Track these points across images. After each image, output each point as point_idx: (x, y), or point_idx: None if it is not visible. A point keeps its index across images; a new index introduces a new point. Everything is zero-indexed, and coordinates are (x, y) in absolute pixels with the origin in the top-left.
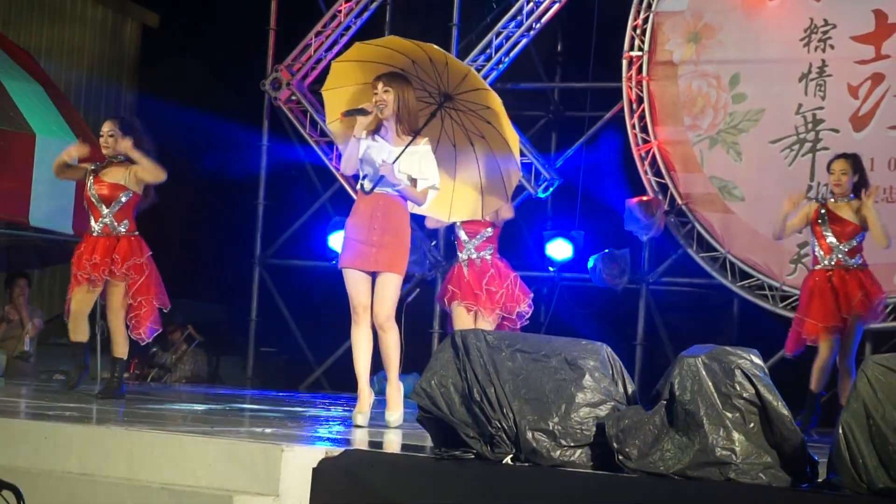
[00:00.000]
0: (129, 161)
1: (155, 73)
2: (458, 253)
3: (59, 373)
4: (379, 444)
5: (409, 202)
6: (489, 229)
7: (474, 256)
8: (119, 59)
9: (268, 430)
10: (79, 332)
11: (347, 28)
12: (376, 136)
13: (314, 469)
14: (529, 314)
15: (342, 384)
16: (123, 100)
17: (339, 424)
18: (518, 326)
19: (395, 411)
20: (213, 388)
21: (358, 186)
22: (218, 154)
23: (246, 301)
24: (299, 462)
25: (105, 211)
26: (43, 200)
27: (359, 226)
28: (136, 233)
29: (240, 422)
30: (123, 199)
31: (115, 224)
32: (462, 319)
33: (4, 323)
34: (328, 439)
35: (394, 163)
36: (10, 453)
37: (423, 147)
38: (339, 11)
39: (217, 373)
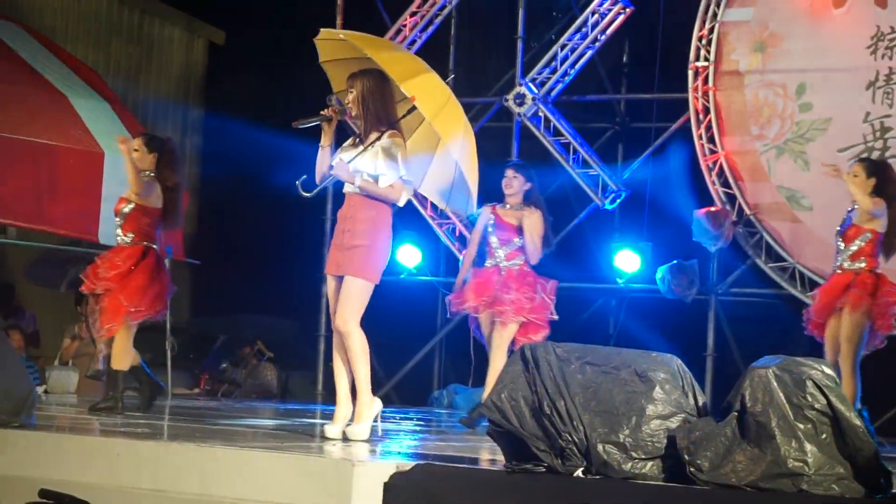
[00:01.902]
0: (155, 176)
1: (221, 89)
2: (487, 259)
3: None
4: (450, 458)
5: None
6: (521, 238)
7: (502, 265)
8: (186, 76)
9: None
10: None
11: (413, 42)
12: (358, 140)
13: (385, 483)
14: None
15: (412, 398)
16: (190, 117)
17: (409, 438)
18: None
19: (358, 424)
20: (284, 402)
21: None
22: (285, 170)
23: (315, 316)
24: (370, 477)
25: (118, 224)
26: (112, 218)
27: (336, 229)
28: (143, 243)
29: (311, 437)
30: (126, 211)
31: (122, 236)
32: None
33: (78, 341)
34: (399, 453)
35: (349, 161)
36: (83, 470)
37: (386, 141)
38: (405, 26)
39: (287, 388)
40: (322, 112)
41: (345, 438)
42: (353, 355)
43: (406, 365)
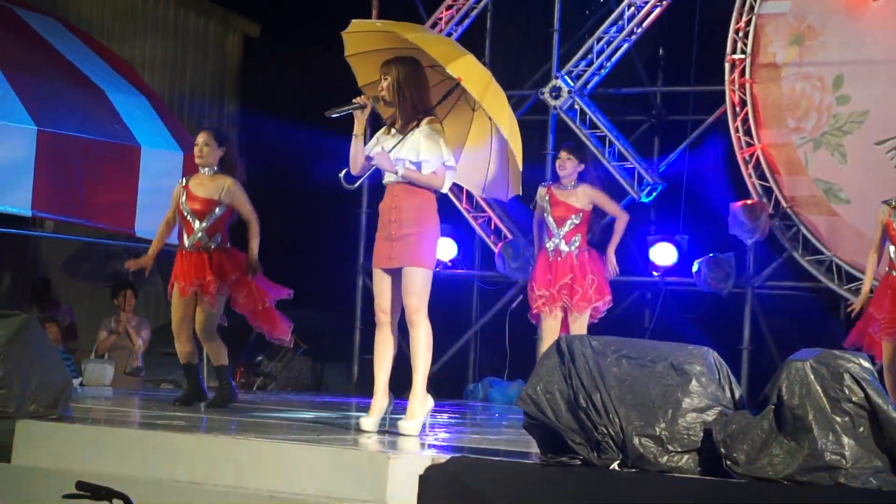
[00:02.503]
0: (222, 172)
1: (256, 83)
2: (546, 241)
3: (167, 382)
4: (485, 451)
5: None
6: (578, 216)
7: (562, 248)
8: (221, 70)
9: (374, 438)
10: (182, 353)
11: (448, 35)
12: (393, 129)
13: (420, 476)
14: (601, 314)
15: (445, 391)
16: (226, 111)
17: (444, 431)
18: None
19: (411, 420)
20: (319, 395)
21: (384, 181)
22: (320, 163)
23: (350, 309)
24: (406, 469)
25: (198, 225)
26: (148, 211)
27: (381, 222)
28: (228, 245)
29: (346, 430)
30: (218, 213)
31: (207, 239)
32: (547, 323)
33: (114, 335)
34: (434, 446)
35: (391, 150)
36: (119, 462)
37: (425, 128)
38: (440, 19)
39: (322, 380)
40: (355, 100)
41: (383, 431)
42: (420, 347)
43: (441, 358)
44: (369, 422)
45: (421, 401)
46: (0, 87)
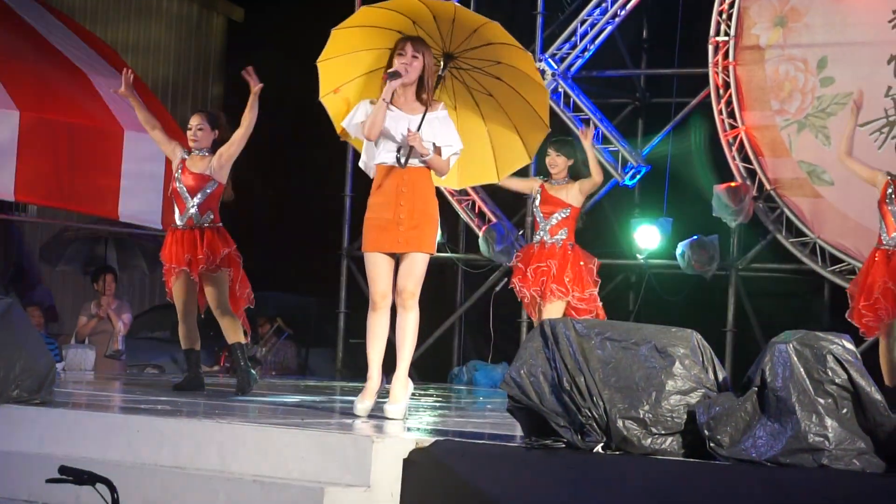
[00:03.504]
0: (212, 153)
1: (240, 67)
2: (534, 233)
3: (151, 367)
4: (469, 434)
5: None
6: (565, 210)
7: (546, 239)
8: (205, 53)
9: (358, 422)
10: (186, 337)
11: None
12: (391, 106)
13: (405, 459)
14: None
15: (430, 374)
16: (209, 94)
17: (428, 414)
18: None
19: (395, 404)
20: (303, 379)
21: (382, 160)
22: (304, 147)
23: (334, 293)
24: (390, 453)
25: (191, 202)
26: (132, 195)
27: (385, 204)
28: (220, 224)
29: (330, 413)
30: (209, 190)
31: (199, 216)
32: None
33: (95, 319)
34: (418, 429)
35: (417, 131)
36: (103, 447)
37: (441, 112)
38: None
39: (306, 364)
40: (396, 69)
41: (374, 416)
42: (411, 332)
43: (426, 341)
44: (363, 406)
45: (404, 384)
46: None
